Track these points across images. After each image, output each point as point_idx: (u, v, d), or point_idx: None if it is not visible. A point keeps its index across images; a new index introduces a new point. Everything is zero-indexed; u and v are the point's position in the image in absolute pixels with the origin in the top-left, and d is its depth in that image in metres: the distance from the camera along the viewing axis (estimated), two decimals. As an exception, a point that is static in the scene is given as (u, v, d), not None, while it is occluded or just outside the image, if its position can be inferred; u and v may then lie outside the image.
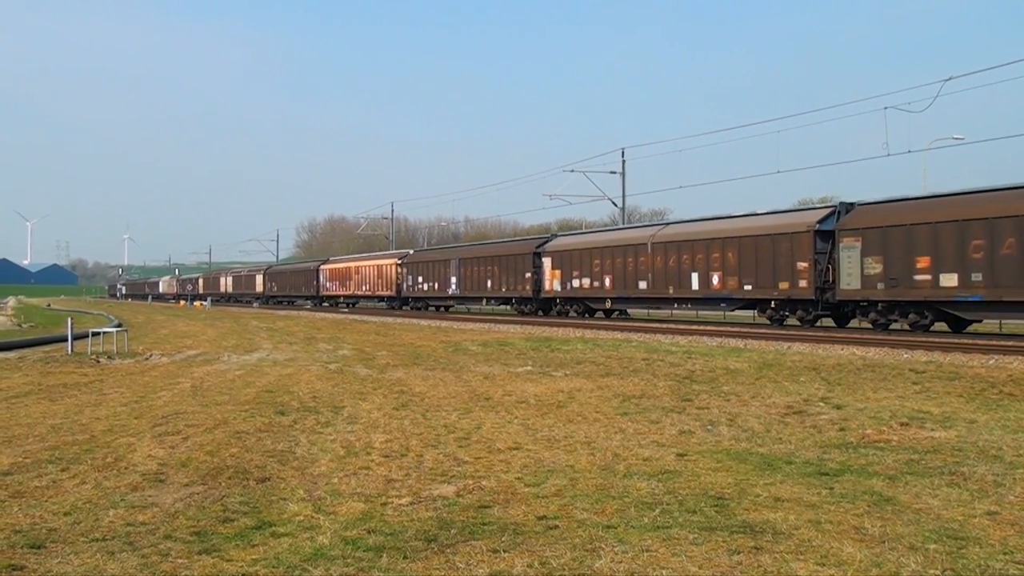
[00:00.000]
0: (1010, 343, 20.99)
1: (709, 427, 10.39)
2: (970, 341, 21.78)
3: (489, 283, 46.37)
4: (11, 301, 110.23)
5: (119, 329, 27.41)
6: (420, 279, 54.59)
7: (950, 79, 30.80)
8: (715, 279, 31.48)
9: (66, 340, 24.72)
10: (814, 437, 9.65)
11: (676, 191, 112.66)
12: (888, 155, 35.40)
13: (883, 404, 11.94)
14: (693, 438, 9.71)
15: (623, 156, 51.03)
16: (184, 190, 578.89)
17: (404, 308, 57.57)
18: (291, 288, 79.49)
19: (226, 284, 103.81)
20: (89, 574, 5.30)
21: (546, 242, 43.40)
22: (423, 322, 39.89)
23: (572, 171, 52.33)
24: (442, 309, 55.69)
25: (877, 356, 18.84)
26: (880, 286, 25.73)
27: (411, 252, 60.49)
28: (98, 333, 25.32)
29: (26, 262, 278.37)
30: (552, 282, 41.30)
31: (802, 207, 29.82)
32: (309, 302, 75.55)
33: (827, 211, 28.39)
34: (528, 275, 43.04)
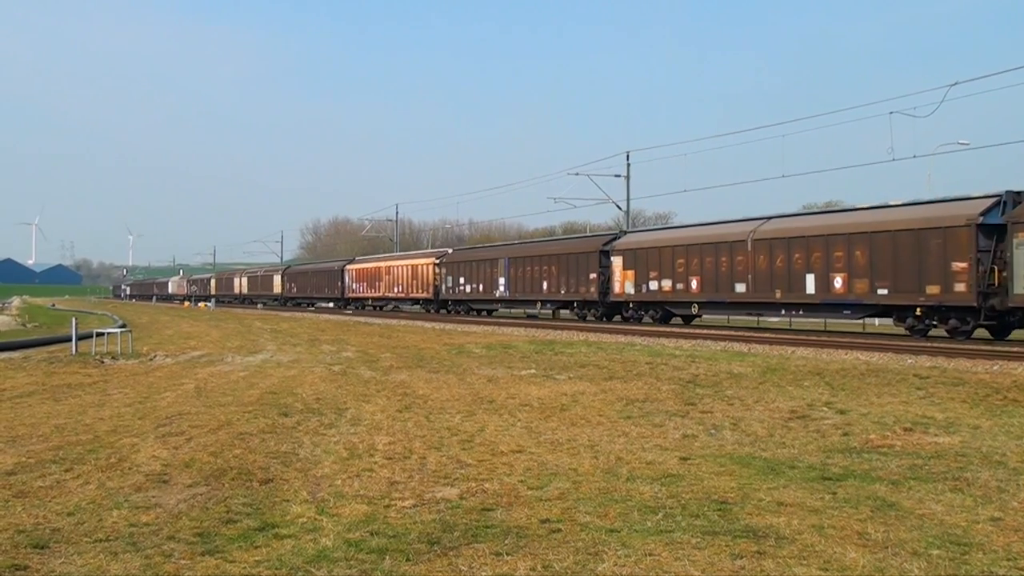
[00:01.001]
0: (1015, 349, 20.96)
1: (712, 431, 10.38)
2: (974, 347, 21.73)
3: (545, 285, 42.00)
4: (15, 301, 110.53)
5: (123, 330, 27.45)
6: (462, 280, 50.03)
7: (955, 84, 30.77)
8: (837, 282, 27.47)
9: (70, 340, 24.77)
10: (817, 442, 9.64)
11: (681, 195, 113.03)
12: (893, 160, 35.24)
13: (887, 409, 11.93)
14: (696, 442, 9.70)
15: (628, 159, 51.00)
16: (189, 191, 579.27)
17: (442, 312, 53.42)
18: (313, 289, 75.46)
19: (241, 285, 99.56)
20: (92, 574, 5.31)
21: (614, 239, 38.99)
22: (427, 324, 39.88)
23: (577, 174, 52.37)
24: (483, 313, 51.44)
25: (881, 361, 18.81)
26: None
27: (450, 251, 55.75)
28: (102, 334, 25.37)
29: (31, 262, 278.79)
30: (623, 284, 36.84)
31: (949, 198, 25.65)
32: (332, 304, 71.60)
33: (990, 202, 24.12)
34: (593, 276, 38.70)
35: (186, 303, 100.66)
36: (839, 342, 23.60)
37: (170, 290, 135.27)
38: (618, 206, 53.18)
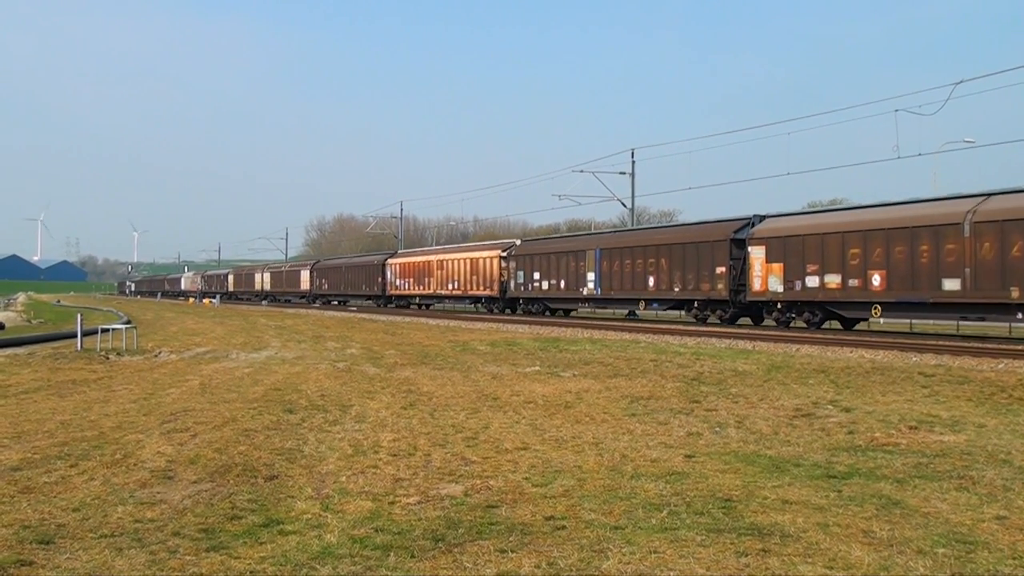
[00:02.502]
0: (1020, 347, 20.90)
1: (717, 429, 10.37)
2: (980, 345, 21.69)
3: (652, 281, 35.26)
4: (21, 297, 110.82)
5: (128, 326, 27.48)
6: (536, 275, 43.32)
7: (961, 82, 30.72)
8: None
9: (75, 336, 24.81)
10: (822, 440, 9.63)
11: (686, 192, 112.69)
12: (899, 157, 35.13)
13: (892, 407, 11.90)
14: (701, 440, 9.69)
15: (633, 157, 50.98)
16: (194, 188, 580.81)
17: (507, 312, 47.27)
18: (347, 286, 68.51)
19: (263, 281, 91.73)
20: (97, 570, 5.32)
21: (748, 224, 31.94)
22: (431, 321, 39.86)
23: (581, 171, 52.37)
24: (561, 313, 44.87)
25: (886, 359, 18.78)
26: None
27: (518, 242, 48.96)
28: (107, 330, 25.40)
29: (36, 258, 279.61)
30: (765, 280, 30.12)
31: None
32: (371, 302, 64.91)
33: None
34: (721, 270, 31.98)
35: (191, 299, 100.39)
36: (844, 340, 23.55)
37: (182, 286, 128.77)
38: (623, 203, 53.18)
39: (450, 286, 52.07)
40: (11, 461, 8.54)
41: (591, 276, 39.29)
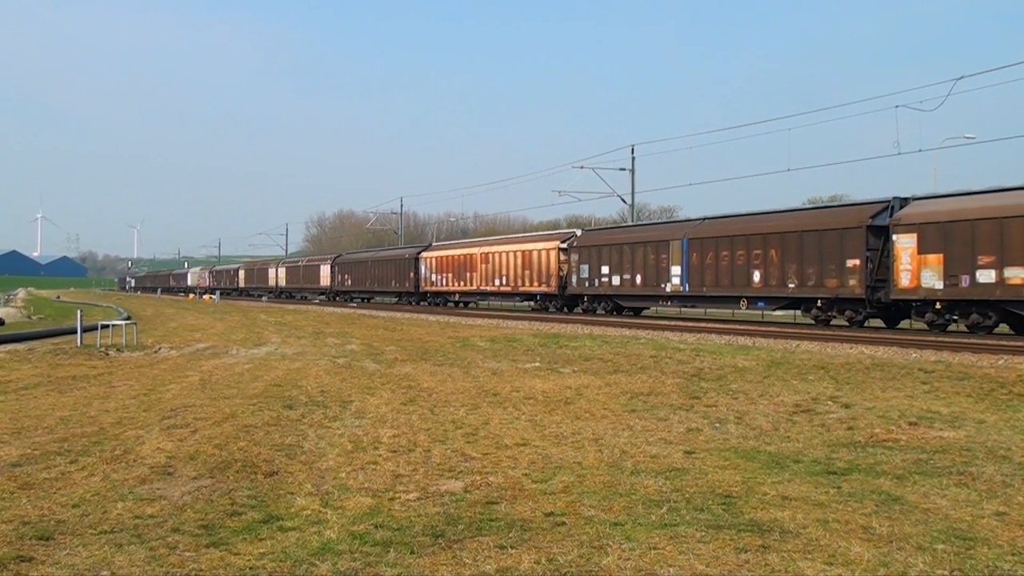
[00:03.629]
0: (1020, 343, 20.90)
1: (717, 425, 10.37)
2: (979, 341, 21.68)
3: (757, 276, 30.05)
4: (21, 293, 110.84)
5: (128, 322, 27.48)
6: (605, 270, 37.87)
7: (961, 78, 30.67)
8: None
9: (75, 332, 24.81)
10: (822, 436, 9.63)
11: (686, 188, 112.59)
12: (899, 154, 35.20)
13: (892, 403, 11.91)
14: (701, 436, 9.69)
15: (633, 153, 50.93)
16: (193, 184, 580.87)
17: (567, 311, 41.73)
18: (374, 281, 63.06)
19: (277, 277, 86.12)
20: (97, 566, 5.32)
21: (887, 209, 26.86)
22: (432, 317, 39.86)
23: (581, 167, 52.22)
24: (630, 312, 39.17)
25: (886, 355, 18.78)
26: None
27: (579, 232, 43.07)
28: (107, 326, 25.39)
29: (36, 254, 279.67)
30: (918, 274, 25.07)
31: None
32: (401, 299, 59.75)
33: None
34: (854, 263, 26.83)
35: (190, 295, 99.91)
36: (844, 336, 23.55)
37: (189, 282, 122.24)
38: (623, 199, 53.15)
39: (497, 282, 46.39)
40: (11, 457, 8.54)
41: (676, 270, 33.73)
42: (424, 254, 55.94)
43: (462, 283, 50.49)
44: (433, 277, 54.11)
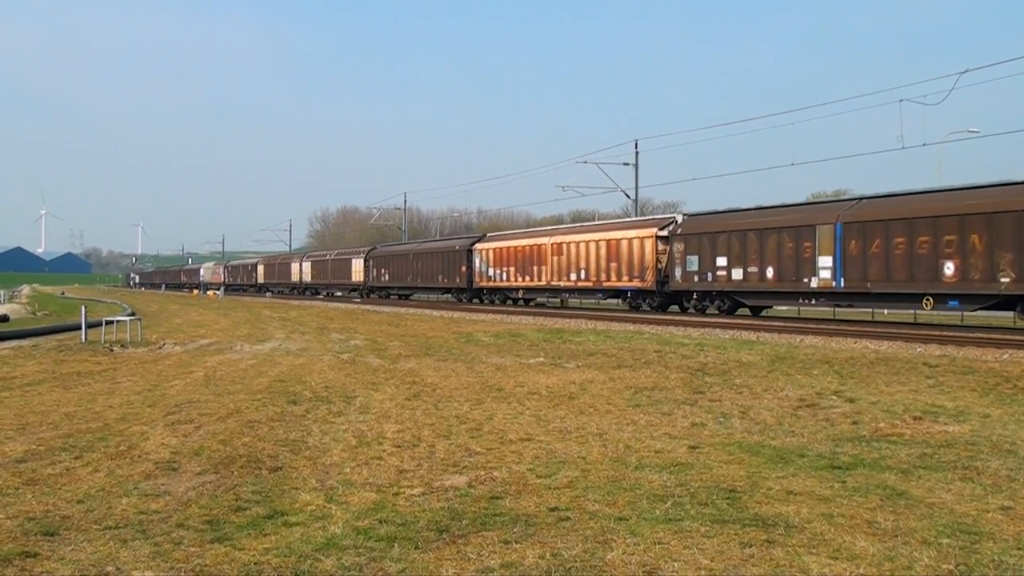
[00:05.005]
0: (1025, 337, 20.85)
1: (721, 420, 10.37)
2: (984, 335, 21.65)
3: (949, 268, 24.13)
4: (25, 289, 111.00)
5: (132, 318, 27.52)
6: (722, 261, 31.70)
7: (966, 72, 30.59)
8: None
9: (80, 328, 24.84)
10: (827, 430, 9.62)
11: (689, 183, 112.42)
12: (903, 148, 34.91)
13: (896, 398, 11.89)
14: (705, 430, 9.69)
15: (636, 148, 50.84)
16: (197, 181, 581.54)
17: (664, 309, 36.07)
18: (417, 276, 57.07)
19: (301, 272, 79.83)
20: (102, 562, 5.32)
21: None
22: (435, 312, 39.84)
23: (585, 162, 52.18)
24: (752, 311, 33.88)
25: (890, 350, 18.76)
26: None
27: (680, 218, 36.03)
28: (112, 322, 25.43)
29: (40, 250, 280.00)
30: None
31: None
32: (450, 296, 54.21)
33: None
34: None
35: (195, 291, 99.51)
36: (848, 331, 23.52)
37: (202, 277, 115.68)
38: (626, 194, 53.09)
39: (573, 276, 40.46)
40: (16, 453, 8.55)
41: (826, 261, 27.75)
42: (479, 245, 49.65)
43: (527, 278, 44.41)
44: (490, 272, 47.81)
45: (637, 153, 50.86)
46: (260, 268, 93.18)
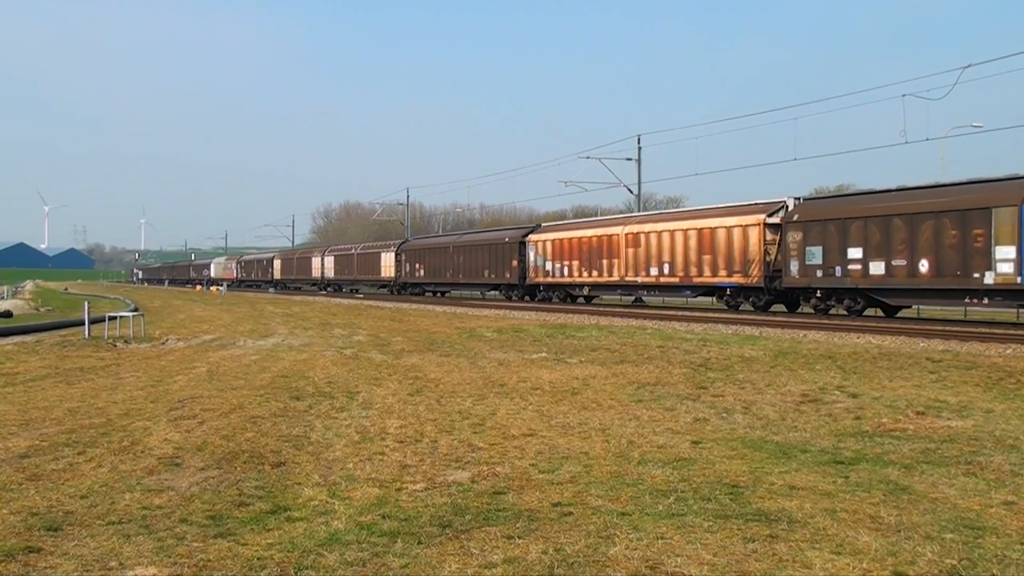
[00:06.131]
0: (1028, 332, 20.81)
1: (724, 415, 10.36)
2: (987, 330, 21.62)
3: None
4: (28, 285, 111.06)
5: (135, 314, 27.53)
6: (855, 253, 26.60)
7: (969, 66, 30.48)
8: None
9: (83, 324, 24.86)
10: (829, 425, 9.61)
11: (692, 178, 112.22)
12: (906, 143, 34.90)
13: (899, 393, 11.88)
14: (708, 426, 9.68)
15: (639, 143, 50.72)
16: (200, 177, 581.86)
17: (766, 307, 31.18)
18: (458, 271, 51.67)
19: (323, 267, 74.62)
20: (105, 557, 5.33)
21: None
22: (438, 308, 39.81)
23: (587, 158, 52.03)
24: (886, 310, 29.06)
25: (893, 345, 18.73)
26: None
27: (791, 202, 30.13)
28: (115, 317, 25.44)
29: (43, 246, 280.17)
30: None
31: None
32: (498, 293, 50.08)
33: None
34: None
35: (198, 287, 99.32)
36: (851, 325, 23.49)
37: (212, 273, 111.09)
38: (629, 189, 53.01)
39: (654, 271, 35.17)
40: (19, 448, 8.57)
41: (1005, 252, 22.89)
42: (534, 236, 44.30)
43: (594, 273, 39.09)
44: (548, 266, 42.64)
45: (640, 148, 50.77)
46: (277, 263, 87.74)
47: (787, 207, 29.96)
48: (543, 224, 47.95)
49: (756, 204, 31.90)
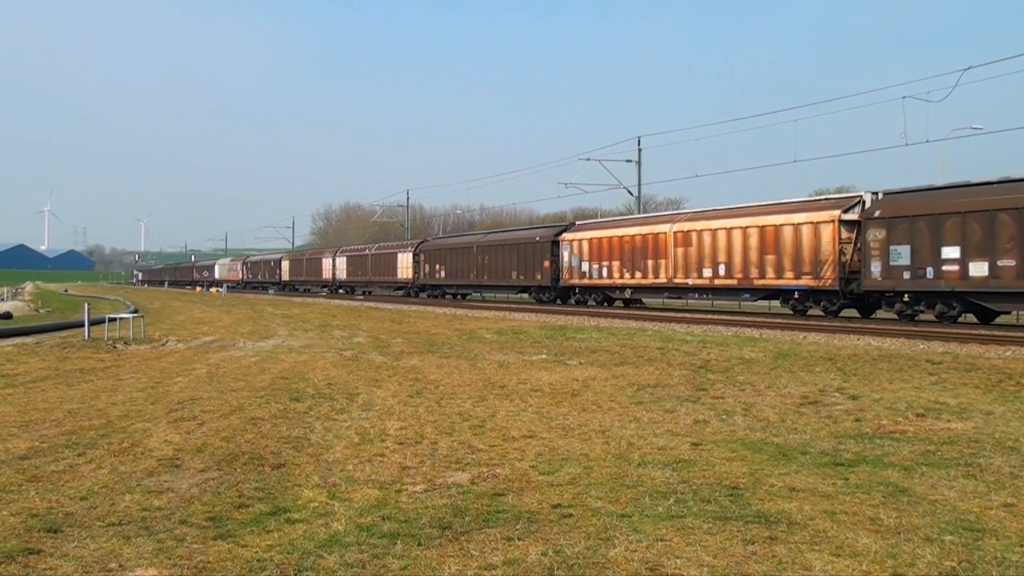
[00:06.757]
0: (1028, 334, 20.81)
1: (724, 417, 10.36)
2: (987, 332, 21.62)
3: None
4: (28, 286, 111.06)
5: (135, 315, 27.53)
6: (951, 252, 24.06)
7: (969, 68, 30.51)
8: None
9: (83, 325, 24.86)
10: (829, 427, 9.61)
11: (692, 180, 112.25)
12: (906, 144, 34.79)
13: (899, 395, 11.88)
14: (708, 427, 9.68)
15: (639, 145, 50.79)
16: (200, 178, 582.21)
17: (831, 315, 28.50)
18: (483, 272, 48.78)
19: (334, 268, 71.97)
20: (105, 558, 5.33)
21: None
22: (438, 309, 39.81)
23: (588, 159, 52.15)
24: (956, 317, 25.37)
25: (893, 347, 18.73)
26: None
27: (868, 197, 27.39)
28: (115, 319, 25.44)
29: (43, 247, 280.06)
30: None
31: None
32: (527, 296, 46.60)
33: None
34: None
35: (198, 288, 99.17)
36: (851, 327, 23.50)
37: (217, 275, 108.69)
38: (629, 191, 53.09)
39: (707, 272, 32.65)
40: (19, 450, 8.57)
41: None
42: (568, 235, 41.67)
43: (638, 274, 36.37)
44: (584, 267, 39.97)
45: (640, 150, 50.82)
46: (285, 264, 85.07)
47: (863, 202, 27.34)
48: (577, 222, 45.08)
49: (828, 199, 29.85)
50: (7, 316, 37.33)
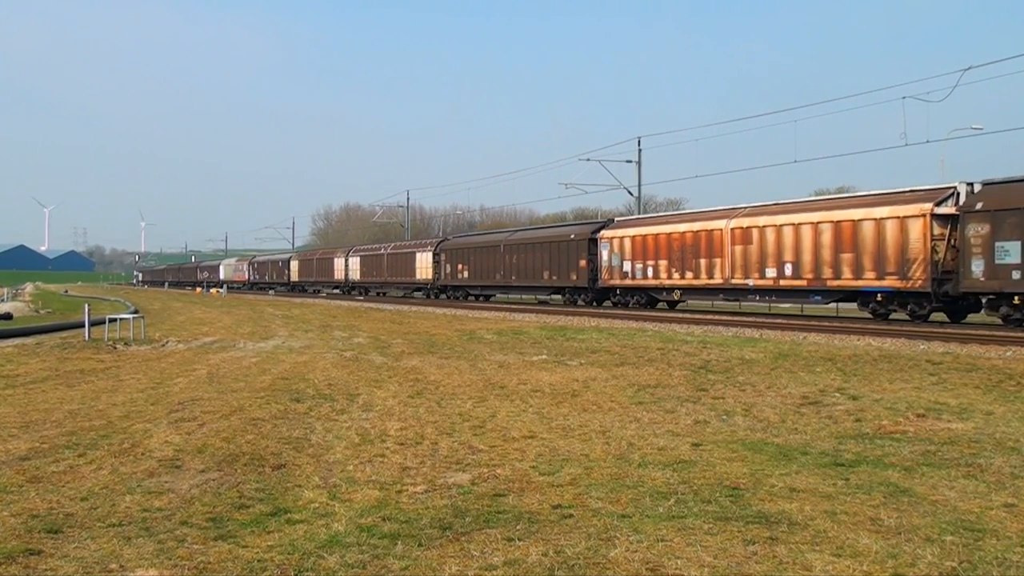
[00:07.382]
0: (1028, 334, 20.79)
1: (724, 417, 10.36)
2: (988, 332, 21.60)
3: None
4: (28, 287, 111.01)
5: (135, 316, 27.53)
6: None
7: (969, 68, 30.50)
8: None
9: (83, 326, 24.86)
10: (830, 428, 9.61)
11: (692, 180, 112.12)
12: (906, 145, 34.75)
13: (899, 395, 11.87)
14: (708, 428, 9.68)
15: (639, 145, 50.78)
16: (200, 179, 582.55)
17: (916, 318, 25.73)
18: (510, 272, 46.12)
19: (347, 268, 69.26)
20: (106, 559, 5.33)
21: None
22: (438, 310, 39.81)
23: (588, 160, 52.12)
24: None
25: (893, 347, 18.73)
26: None
27: (963, 188, 24.68)
28: (115, 320, 25.42)
29: (43, 248, 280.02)
30: None
31: None
32: (560, 297, 44.19)
33: None
34: None
35: (198, 289, 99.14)
36: (851, 328, 23.50)
37: (221, 275, 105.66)
38: (629, 192, 53.10)
39: (771, 272, 29.87)
40: (19, 451, 8.57)
41: None
42: (607, 233, 38.65)
43: (688, 274, 33.63)
44: (626, 266, 37.13)
45: (640, 150, 50.82)
46: (294, 264, 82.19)
47: (957, 193, 24.47)
48: (616, 219, 41.66)
49: (915, 191, 26.16)
50: (7, 317, 37.32)
